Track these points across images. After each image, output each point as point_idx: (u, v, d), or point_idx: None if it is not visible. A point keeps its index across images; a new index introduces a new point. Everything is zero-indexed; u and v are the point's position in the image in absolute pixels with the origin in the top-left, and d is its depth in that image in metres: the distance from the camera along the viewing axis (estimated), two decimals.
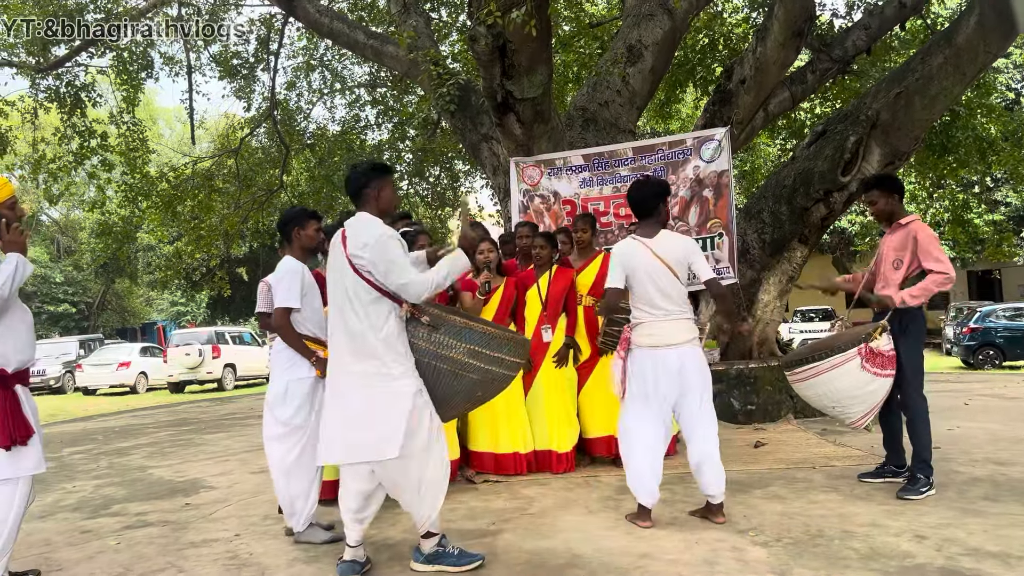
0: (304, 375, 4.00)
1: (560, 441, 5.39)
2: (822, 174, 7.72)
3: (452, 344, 3.38)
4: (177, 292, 33.90)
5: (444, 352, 3.38)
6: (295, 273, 4.03)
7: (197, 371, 19.87)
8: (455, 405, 3.56)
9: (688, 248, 4.08)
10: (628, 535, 3.89)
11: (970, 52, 6.86)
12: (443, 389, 3.44)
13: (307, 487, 4.00)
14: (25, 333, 3.33)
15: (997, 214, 21.82)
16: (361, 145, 14.34)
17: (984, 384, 11.28)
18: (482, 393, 3.60)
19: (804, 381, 4.52)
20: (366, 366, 3.30)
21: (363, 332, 3.30)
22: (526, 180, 7.25)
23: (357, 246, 3.32)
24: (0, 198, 3.23)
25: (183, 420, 11.71)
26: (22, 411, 3.20)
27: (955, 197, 14.31)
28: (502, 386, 3.69)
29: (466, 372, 3.42)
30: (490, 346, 3.43)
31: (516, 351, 3.58)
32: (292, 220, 4.21)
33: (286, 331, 3.99)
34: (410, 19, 9.79)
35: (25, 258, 3.25)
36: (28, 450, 3.23)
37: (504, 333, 3.58)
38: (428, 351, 3.40)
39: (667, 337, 3.98)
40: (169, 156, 21.39)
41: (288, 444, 3.99)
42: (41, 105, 11.25)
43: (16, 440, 3.15)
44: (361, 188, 3.51)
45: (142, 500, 5.43)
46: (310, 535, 4.03)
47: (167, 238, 14.93)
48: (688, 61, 11.50)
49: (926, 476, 4.41)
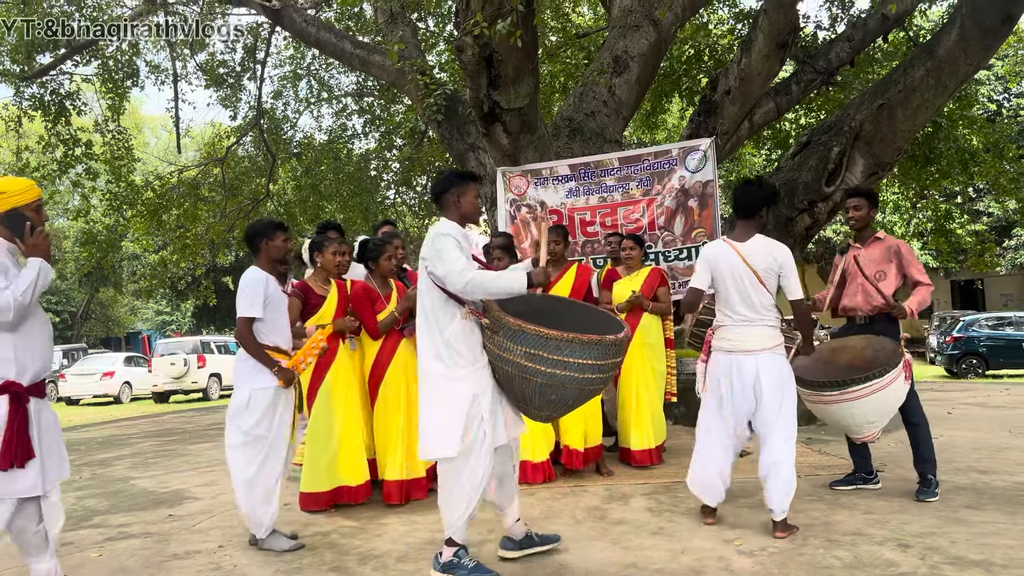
0: (266, 384, 4.05)
1: (535, 451, 5.39)
2: (807, 184, 7.78)
3: (510, 347, 3.32)
4: (162, 301, 33.72)
5: (505, 355, 3.33)
6: (257, 283, 4.10)
7: (182, 381, 19.72)
8: (539, 407, 3.44)
9: (781, 259, 3.94)
10: (614, 545, 3.89)
11: (951, 64, 6.95)
12: (518, 391, 3.41)
13: (268, 495, 4.06)
14: (44, 342, 3.21)
15: (979, 224, 22.05)
16: (348, 154, 14.32)
17: (967, 393, 11.36)
18: (556, 397, 3.36)
19: (858, 399, 4.29)
20: (433, 366, 3.41)
21: (431, 332, 3.43)
22: (513, 190, 7.26)
23: (425, 249, 3.43)
24: (26, 200, 3.13)
25: (167, 430, 11.61)
26: (27, 432, 3.05)
27: (938, 207, 14.43)
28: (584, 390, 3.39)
29: (529, 376, 3.31)
30: (546, 348, 3.24)
31: (586, 352, 3.25)
32: (259, 232, 4.29)
33: (247, 340, 4.07)
34: (397, 29, 9.82)
35: (48, 264, 3.14)
36: (25, 472, 3.04)
37: (566, 335, 3.23)
38: (494, 353, 3.39)
39: (745, 343, 3.93)
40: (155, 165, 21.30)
41: (251, 454, 4.04)
42: (25, 113, 11.16)
43: (15, 463, 3.00)
44: (442, 193, 3.58)
45: (125, 512, 5.37)
46: (272, 542, 4.09)
47: (152, 247, 14.81)
48: (674, 72, 11.57)
49: (934, 475, 4.60)
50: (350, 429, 4.87)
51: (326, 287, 5.02)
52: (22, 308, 3.01)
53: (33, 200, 3.17)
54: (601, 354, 3.28)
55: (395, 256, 5.14)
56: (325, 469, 4.82)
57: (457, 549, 3.44)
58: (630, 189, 7.07)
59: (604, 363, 3.31)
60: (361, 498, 4.89)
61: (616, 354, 3.38)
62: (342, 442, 4.83)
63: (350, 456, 4.86)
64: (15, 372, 3.03)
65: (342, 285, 5.10)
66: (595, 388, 3.48)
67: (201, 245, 12.76)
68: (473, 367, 3.39)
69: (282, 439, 4.13)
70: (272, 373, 4.04)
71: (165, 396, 20.07)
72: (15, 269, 3.10)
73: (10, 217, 3.11)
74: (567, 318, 3.62)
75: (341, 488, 4.86)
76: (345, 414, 4.85)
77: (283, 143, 13.91)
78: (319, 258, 5.00)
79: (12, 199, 3.11)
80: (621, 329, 3.45)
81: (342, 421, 4.83)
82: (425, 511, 4.76)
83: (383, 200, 15.71)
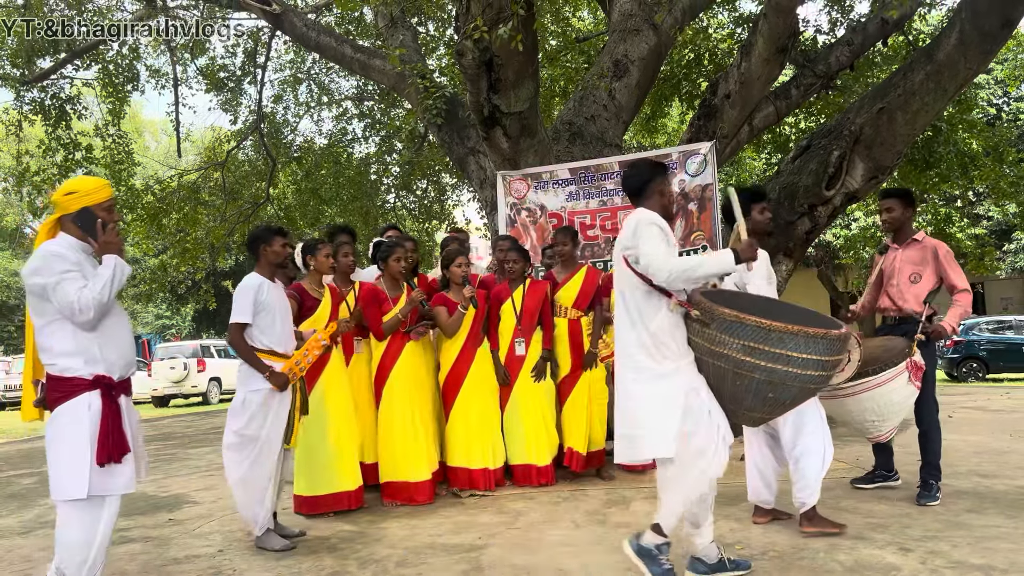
0: (258, 387, 4.16)
1: (539, 455, 5.39)
2: (807, 188, 7.78)
3: (724, 340, 3.08)
4: (162, 305, 33.64)
5: (718, 349, 3.11)
6: (248, 290, 4.22)
7: (182, 385, 19.71)
8: (751, 407, 3.21)
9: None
10: (615, 550, 3.88)
11: (951, 68, 6.95)
12: (729, 389, 3.17)
13: (262, 494, 4.15)
14: (127, 338, 3.23)
15: (979, 228, 22.03)
16: (348, 158, 14.32)
17: (967, 396, 11.36)
18: (773, 396, 3.14)
19: (853, 396, 4.30)
20: (640, 361, 3.22)
21: (634, 326, 3.25)
22: (513, 194, 7.26)
23: (626, 237, 3.26)
24: (98, 199, 3.14)
25: (167, 434, 11.60)
26: (122, 426, 3.06)
27: (937, 211, 14.44)
28: (804, 388, 3.15)
29: (745, 371, 3.07)
30: (768, 341, 3.01)
31: (811, 347, 3.02)
32: (258, 238, 4.41)
33: (238, 345, 4.20)
34: (397, 33, 9.82)
35: (123, 260, 3.15)
36: (121, 467, 3.05)
37: (790, 327, 3.02)
38: (704, 348, 3.17)
39: None
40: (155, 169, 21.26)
41: (243, 453, 4.15)
42: (25, 117, 11.16)
43: (112, 458, 3.00)
44: (647, 183, 3.40)
45: (124, 516, 5.36)
46: (266, 541, 4.17)
47: (152, 251, 14.79)
48: (674, 76, 11.57)
49: (936, 480, 4.61)
50: (343, 433, 4.87)
51: (321, 290, 5.03)
52: (102, 306, 3.02)
53: (105, 200, 3.19)
54: (826, 349, 3.05)
55: (405, 258, 5.15)
56: (318, 473, 4.82)
57: (661, 542, 3.21)
58: None
59: (828, 360, 3.09)
60: (354, 504, 4.90)
61: (839, 351, 3.16)
62: (336, 446, 4.82)
63: (343, 461, 4.86)
64: (104, 368, 3.05)
65: (335, 289, 5.11)
66: (815, 388, 3.24)
67: (201, 249, 12.75)
68: (683, 361, 3.21)
69: (275, 440, 4.19)
70: (264, 378, 4.13)
71: (165, 400, 20.06)
72: (91, 268, 3.11)
73: (81, 216, 3.12)
74: (777, 315, 3.21)
75: (337, 493, 4.85)
76: (338, 418, 4.84)
77: (283, 147, 13.90)
78: (311, 261, 5.01)
79: (84, 198, 3.13)
80: (840, 327, 3.20)
81: (335, 425, 4.83)
82: (425, 515, 4.76)
83: (383, 204, 15.71)
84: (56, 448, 2.99)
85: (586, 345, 5.61)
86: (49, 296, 2.97)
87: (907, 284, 4.71)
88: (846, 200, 7.87)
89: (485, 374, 5.38)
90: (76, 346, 3.02)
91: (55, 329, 3.01)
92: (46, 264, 2.99)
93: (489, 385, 5.40)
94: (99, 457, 2.96)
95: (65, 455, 2.97)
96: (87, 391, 3.01)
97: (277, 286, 4.41)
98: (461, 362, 5.30)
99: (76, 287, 2.97)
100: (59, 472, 2.98)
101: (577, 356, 5.59)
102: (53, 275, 2.97)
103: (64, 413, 2.99)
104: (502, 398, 5.47)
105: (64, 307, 2.96)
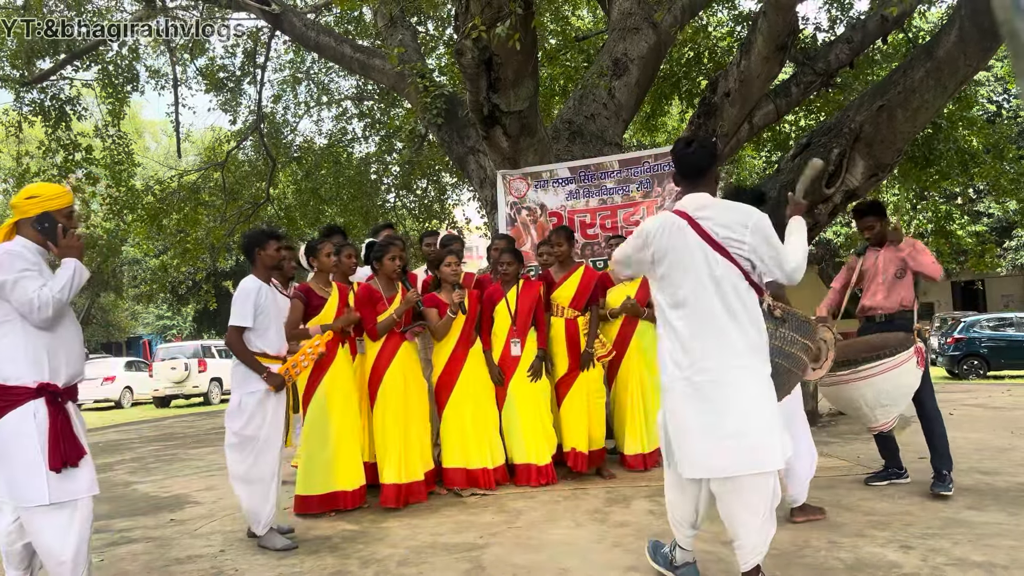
0: (255, 388, 4.22)
1: (538, 454, 5.39)
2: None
3: (794, 339, 3.04)
4: (163, 306, 33.70)
5: (786, 347, 3.05)
6: (248, 293, 4.27)
7: (183, 385, 19.71)
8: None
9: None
10: (615, 548, 3.88)
11: (951, 65, 6.94)
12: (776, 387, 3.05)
13: (263, 494, 4.20)
14: (77, 347, 3.21)
15: (980, 225, 22.04)
16: (348, 158, 14.32)
17: (968, 394, 11.35)
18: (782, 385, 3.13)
19: (866, 379, 4.41)
20: (752, 362, 2.89)
21: (741, 328, 2.88)
22: (513, 193, 7.26)
23: (734, 229, 2.91)
24: (59, 205, 3.15)
25: (168, 435, 11.61)
26: (73, 430, 3.04)
27: (938, 208, 14.43)
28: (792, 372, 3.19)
29: (795, 368, 3.07)
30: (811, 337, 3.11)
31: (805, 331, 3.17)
32: (252, 242, 4.44)
33: (237, 348, 4.27)
34: (396, 33, 9.82)
35: (82, 264, 3.15)
36: (80, 471, 3.03)
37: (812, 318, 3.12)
38: (774, 348, 3.04)
39: None
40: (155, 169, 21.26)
41: (243, 453, 4.21)
42: (25, 118, 11.16)
43: (68, 462, 2.97)
44: (712, 165, 3.10)
45: (126, 516, 5.37)
46: (268, 540, 4.21)
47: (152, 251, 14.81)
48: (673, 74, 11.56)
49: (949, 470, 4.70)
50: (346, 433, 4.87)
51: (327, 289, 5.04)
52: (60, 306, 3.02)
53: (66, 206, 3.20)
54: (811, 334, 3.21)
55: (398, 257, 5.15)
56: (320, 473, 4.82)
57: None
58: (630, 191, 7.06)
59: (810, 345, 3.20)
60: (356, 503, 4.90)
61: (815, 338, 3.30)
62: (337, 446, 4.83)
63: (346, 460, 4.86)
64: (48, 374, 3.02)
65: (343, 287, 5.12)
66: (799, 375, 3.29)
67: (201, 249, 12.75)
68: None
69: (274, 438, 4.25)
70: (261, 379, 4.19)
71: (166, 401, 20.07)
72: (48, 271, 3.11)
73: (41, 220, 3.12)
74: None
75: (336, 492, 4.85)
76: (341, 418, 4.85)
77: (283, 147, 13.90)
78: (314, 262, 5.05)
79: (45, 203, 3.14)
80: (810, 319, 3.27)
81: (338, 425, 4.83)
82: (426, 515, 4.76)
83: (383, 204, 15.70)
84: (8, 458, 2.96)
85: (582, 345, 5.61)
86: (7, 294, 2.95)
87: (894, 280, 4.95)
88: (846, 198, 7.87)
89: (478, 375, 5.37)
90: (24, 351, 2.97)
91: (6, 331, 2.98)
92: (5, 262, 2.97)
93: (483, 385, 5.39)
94: (52, 463, 2.93)
95: (19, 464, 2.94)
96: (31, 399, 2.97)
97: (272, 289, 4.45)
98: (453, 363, 5.31)
99: (35, 285, 2.96)
100: (17, 481, 2.96)
101: (574, 356, 5.59)
102: (12, 272, 2.95)
103: (9, 423, 2.94)
104: (498, 398, 5.47)
105: (22, 304, 2.94)
